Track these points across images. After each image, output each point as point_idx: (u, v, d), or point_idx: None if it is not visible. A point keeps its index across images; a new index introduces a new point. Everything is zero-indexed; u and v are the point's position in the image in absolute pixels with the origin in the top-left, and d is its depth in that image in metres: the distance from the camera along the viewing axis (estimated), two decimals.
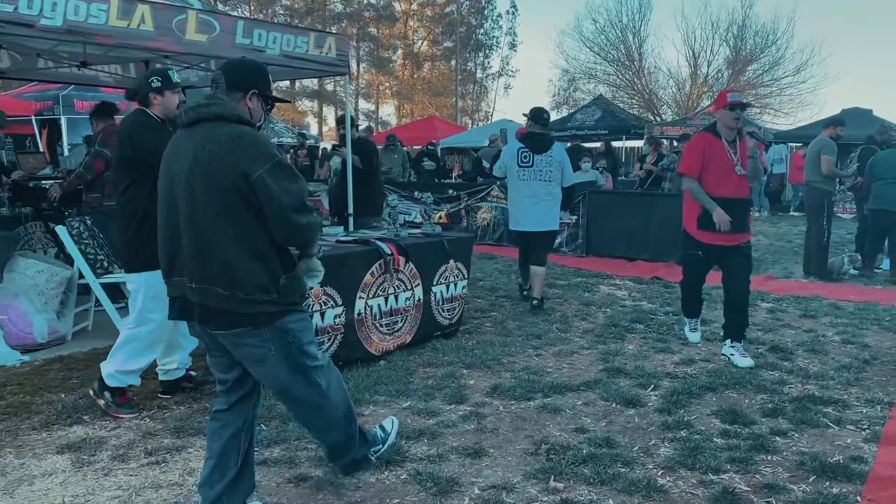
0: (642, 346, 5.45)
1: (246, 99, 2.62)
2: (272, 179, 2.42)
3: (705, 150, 5.03)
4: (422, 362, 4.88)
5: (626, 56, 30.81)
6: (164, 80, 3.96)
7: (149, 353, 3.95)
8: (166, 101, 3.94)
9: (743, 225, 5.02)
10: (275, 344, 2.57)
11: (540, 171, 6.50)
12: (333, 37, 6.60)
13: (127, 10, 5.06)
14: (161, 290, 3.70)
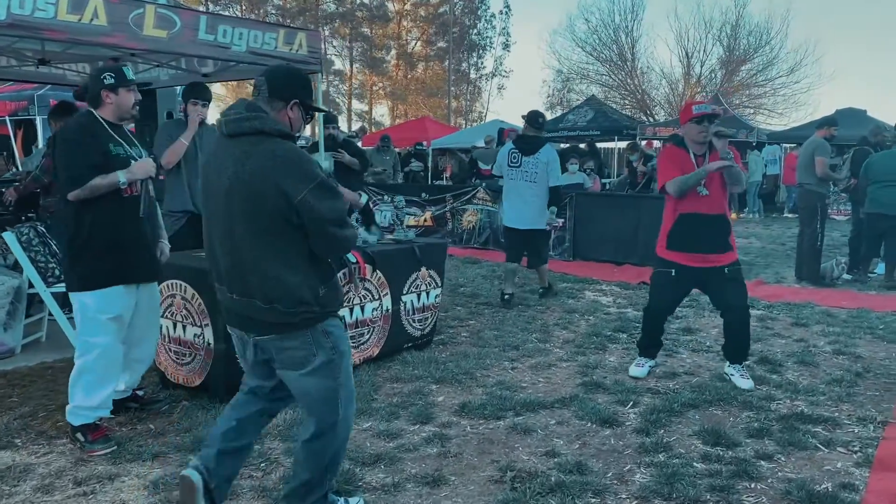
0: (624, 357, 5.18)
1: (287, 109, 2.57)
2: (315, 200, 2.40)
3: (677, 161, 4.49)
4: (389, 377, 4.61)
5: (619, 56, 30.59)
6: (119, 77, 3.58)
7: (107, 381, 3.57)
8: (121, 99, 3.59)
9: (718, 244, 4.45)
10: (317, 345, 2.55)
11: (526, 171, 6.71)
12: (304, 33, 6.33)
13: (78, 4, 4.76)
14: (102, 310, 3.48)
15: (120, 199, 3.52)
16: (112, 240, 3.50)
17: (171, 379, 4.20)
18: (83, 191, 3.40)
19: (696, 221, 4.43)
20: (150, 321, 3.85)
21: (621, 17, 30.46)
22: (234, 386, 3.95)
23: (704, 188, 4.42)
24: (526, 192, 6.71)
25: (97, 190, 3.43)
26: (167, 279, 4.09)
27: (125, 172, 3.51)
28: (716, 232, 4.46)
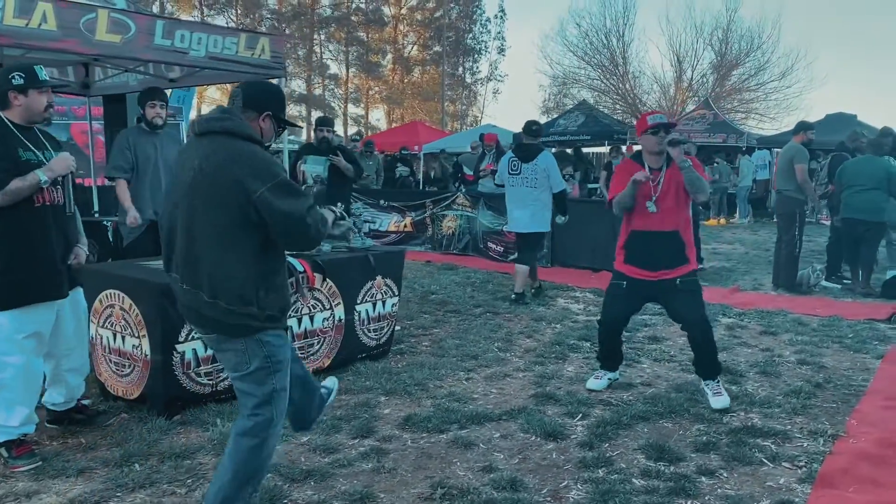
0: (582, 367, 5.10)
1: (259, 119, 2.69)
2: (274, 197, 2.49)
3: (627, 176, 4.32)
4: (339, 388, 4.51)
5: (611, 61, 30.54)
6: (29, 78, 3.39)
7: (28, 400, 3.45)
8: (31, 101, 3.40)
9: (667, 260, 4.32)
10: (251, 355, 2.64)
11: (526, 178, 7.13)
12: (267, 37, 6.25)
13: (25, 9, 4.69)
14: (18, 329, 3.36)
15: (31, 209, 3.37)
16: (24, 254, 3.36)
17: (111, 391, 4.12)
18: (3, 196, 3.25)
19: (647, 239, 4.33)
20: (77, 330, 3.74)
21: (612, 22, 30.48)
22: (173, 398, 3.91)
23: (654, 205, 4.28)
24: (527, 197, 7.14)
25: (19, 194, 3.29)
26: (107, 289, 4.00)
27: (45, 170, 3.36)
28: (667, 249, 4.33)
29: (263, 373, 2.66)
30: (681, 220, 4.37)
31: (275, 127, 2.75)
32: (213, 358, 3.99)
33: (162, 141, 5.72)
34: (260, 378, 2.67)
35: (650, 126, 4.29)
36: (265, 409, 2.69)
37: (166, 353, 3.82)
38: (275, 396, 2.70)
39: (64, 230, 3.55)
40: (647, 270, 4.35)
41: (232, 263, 2.55)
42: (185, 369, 3.91)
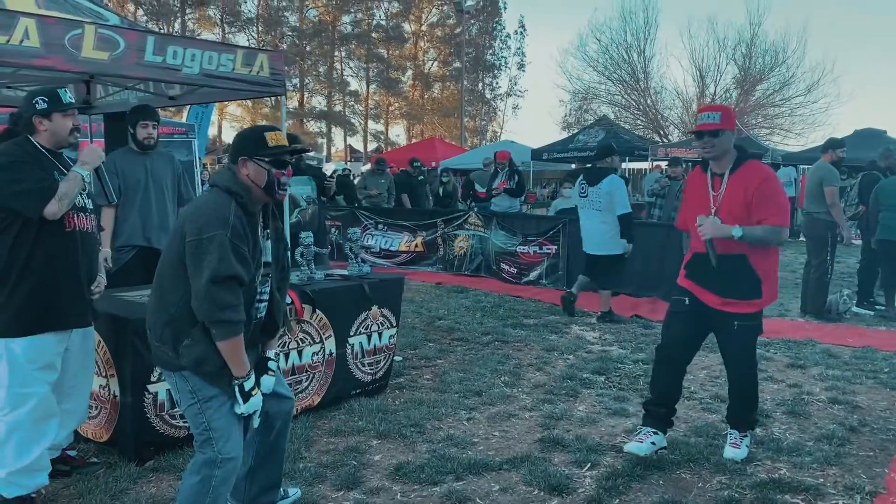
0: (595, 406, 4.73)
1: (240, 167, 2.69)
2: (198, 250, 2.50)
3: (688, 189, 3.94)
4: (328, 430, 4.19)
5: (631, 75, 30.14)
6: (52, 101, 3.26)
7: (42, 437, 3.17)
8: (55, 126, 3.25)
9: (734, 288, 3.62)
10: (179, 390, 2.69)
11: (592, 201, 7.31)
12: (266, 54, 5.98)
13: (6, 25, 4.45)
14: (33, 359, 3.10)
15: (62, 233, 3.20)
16: (46, 280, 3.15)
17: (82, 433, 3.82)
18: (60, 202, 3.10)
19: (702, 263, 3.69)
20: (84, 368, 3.44)
21: (633, 37, 30.11)
22: (144, 443, 3.60)
23: (717, 218, 3.63)
24: (593, 220, 7.33)
25: (71, 195, 3.15)
26: None
27: (79, 165, 3.23)
28: (733, 276, 3.62)
29: (193, 409, 2.66)
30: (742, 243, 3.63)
31: (263, 165, 2.66)
32: None
33: (154, 162, 5.49)
34: (191, 413, 2.67)
35: (696, 130, 3.65)
36: (205, 447, 2.66)
37: (137, 393, 3.53)
38: (212, 435, 2.64)
39: (91, 257, 3.39)
40: (712, 293, 3.69)
41: (162, 302, 2.63)
42: (158, 411, 3.61)
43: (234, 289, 2.52)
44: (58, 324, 3.19)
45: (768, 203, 3.53)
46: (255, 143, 2.69)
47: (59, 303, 3.19)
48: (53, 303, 3.18)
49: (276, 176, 2.67)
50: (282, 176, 2.69)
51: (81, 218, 3.30)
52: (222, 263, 2.48)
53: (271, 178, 2.67)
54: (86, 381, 3.49)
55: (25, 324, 3.12)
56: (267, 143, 2.68)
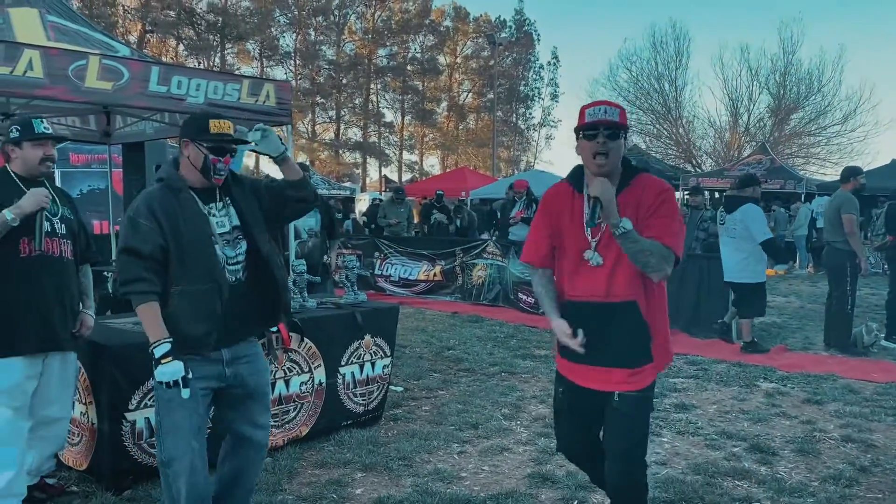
0: None
1: (181, 148, 2.85)
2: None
3: (550, 213, 2.83)
4: (314, 461, 4.11)
5: (663, 105, 29.91)
6: (24, 130, 3.30)
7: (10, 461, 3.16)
8: (26, 154, 3.28)
9: (616, 351, 2.69)
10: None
11: (728, 229, 7.44)
12: (273, 84, 6.05)
13: (10, 56, 4.59)
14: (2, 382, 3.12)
15: (17, 259, 3.19)
16: (8, 307, 3.16)
17: (63, 460, 3.80)
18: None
19: (586, 314, 2.71)
20: (63, 394, 3.44)
21: (664, 66, 29.91)
22: (122, 472, 3.56)
23: (596, 254, 2.69)
24: (729, 247, 7.42)
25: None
26: None
27: (12, 208, 3.15)
28: (620, 332, 2.68)
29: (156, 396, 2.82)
30: (639, 281, 2.67)
31: (202, 150, 2.77)
32: None
33: None
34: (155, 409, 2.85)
35: (585, 123, 2.65)
36: (157, 441, 2.82)
37: (114, 421, 3.49)
38: (161, 433, 2.77)
39: (61, 282, 3.33)
40: (586, 367, 2.75)
41: None
42: (137, 440, 3.57)
43: (130, 262, 2.67)
44: (21, 348, 3.18)
45: (663, 219, 2.61)
46: (198, 128, 2.81)
47: (21, 327, 3.18)
48: (15, 328, 3.18)
49: (213, 161, 2.78)
50: (218, 162, 2.79)
51: (46, 242, 3.28)
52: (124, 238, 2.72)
53: (207, 162, 2.78)
54: (64, 408, 3.47)
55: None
56: (209, 129, 2.79)
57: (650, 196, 2.66)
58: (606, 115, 2.62)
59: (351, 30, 46.26)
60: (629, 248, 2.55)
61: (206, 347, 2.77)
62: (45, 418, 3.39)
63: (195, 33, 35.01)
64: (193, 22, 34.44)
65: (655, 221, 2.61)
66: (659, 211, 2.62)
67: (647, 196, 2.66)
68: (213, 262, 2.79)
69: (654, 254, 2.55)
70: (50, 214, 3.33)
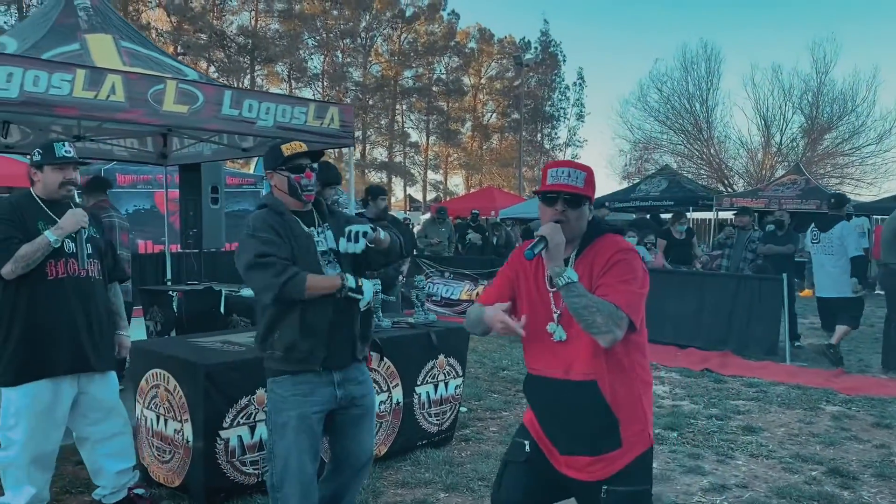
0: (669, 462, 4.55)
1: (270, 182, 3.01)
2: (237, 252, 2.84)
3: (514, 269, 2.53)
4: (395, 481, 4.14)
5: (694, 125, 29.83)
6: (45, 154, 3.36)
7: (32, 482, 3.27)
8: (46, 178, 3.34)
9: (584, 436, 2.36)
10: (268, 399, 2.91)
11: (824, 246, 7.84)
12: (336, 107, 6.15)
13: (95, 81, 4.72)
14: (28, 405, 3.20)
15: (44, 282, 3.25)
16: (32, 329, 3.23)
17: (154, 477, 3.86)
18: (15, 263, 3.14)
19: (551, 393, 2.41)
20: (110, 413, 3.52)
21: (695, 87, 29.87)
22: (215, 489, 3.61)
23: (560, 328, 2.37)
24: (826, 264, 7.81)
25: (30, 258, 3.17)
26: (153, 368, 3.79)
27: (54, 230, 3.24)
28: (583, 415, 2.35)
29: (268, 426, 2.90)
30: (606, 359, 2.31)
31: (287, 174, 2.91)
32: (259, 445, 3.71)
33: None
34: (266, 430, 2.96)
35: (546, 188, 2.38)
36: (269, 464, 2.88)
37: (209, 439, 3.55)
38: (273, 459, 2.83)
39: (89, 302, 3.39)
40: (555, 446, 2.43)
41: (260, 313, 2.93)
42: (230, 457, 3.62)
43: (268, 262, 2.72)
44: (48, 371, 3.24)
45: (614, 278, 2.28)
46: (274, 157, 2.96)
47: (49, 350, 3.24)
48: (43, 351, 3.24)
49: (296, 180, 2.90)
50: (301, 179, 2.91)
51: (72, 264, 3.33)
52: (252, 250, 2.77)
53: (291, 182, 2.91)
54: (117, 423, 3.56)
55: (17, 373, 3.22)
56: (283, 153, 2.93)
57: (602, 258, 2.34)
58: (569, 180, 2.35)
59: (377, 52, 46.81)
60: (573, 303, 2.22)
61: (315, 362, 2.82)
62: (102, 435, 3.50)
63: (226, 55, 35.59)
64: (224, 44, 35.02)
65: (606, 280, 2.29)
66: (611, 271, 2.30)
67: (599, 259, 2.34)
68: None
69: (602, 312, 2.18)
70: (74, 236, 3.38)
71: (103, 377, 3.48)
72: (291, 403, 2.79)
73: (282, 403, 2.81)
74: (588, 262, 2.35)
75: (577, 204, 2.35)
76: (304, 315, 2.80)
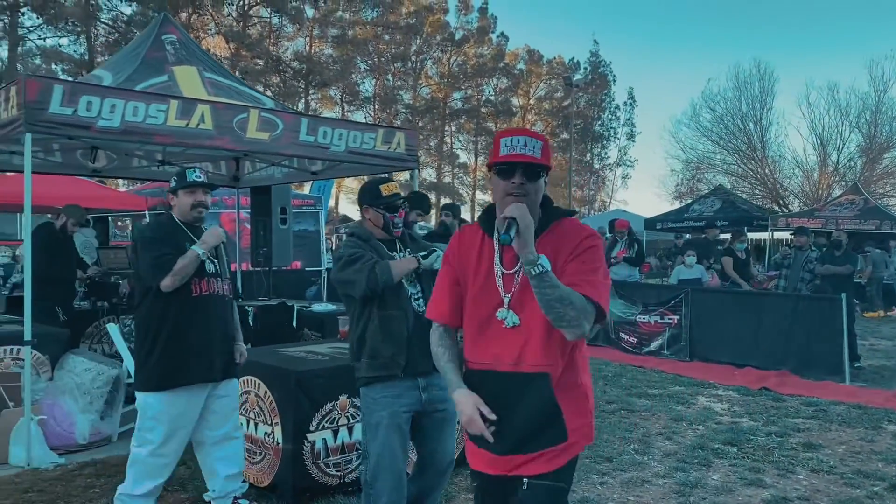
0: (730, 475, 4.67)
1: (364, 214, 3.38)
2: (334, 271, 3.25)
3: (454, 260, 2.37)
4: (464, 486, 4.36)
5: (748, 145, 29.57)
6: (179, 180, 3.64)
7: (156, 476, 3.55)
8: (181, 202, 3.62)
9: (526, 431, 2.19)
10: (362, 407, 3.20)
11: None
12: (403, 132, 6.48)
13: (187, 110, 5.12)
14: (163, 411, 3.48)
15: (189, 299, 3.52)
16: (175, 342, 3.48)
17: (244, 477, 4.14)
18: (173, 276, 3.40)
19: (494, 386, 2.21)
20: (229, 418, 3.76)
21: (749, 106, 29.65)
22: (303, 489, 3.89)
23: (511, 313, 2.20)
24: None
25: (184, 271, 3.43)
26: (245, 375, 4.10)
27: (199, 244, 3.52)
28: (529, 408, 2.19)
29: (365, 427, 3.16)
30: (557, 346, 2.18)
31: (381, 211, 3.29)
32: (342, 448, 3.98)
33: None
34: (361, 431, 3.27)
35: (501, 159, 2.18)
36: (365, 466, 3.13)
37: (297, 441, 3.83)
38: (368, 455, 3.10)
39: (222, 318, 3.67)
40: (494, 453, 2.23)
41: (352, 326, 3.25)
42: (315, 459, 3.90)
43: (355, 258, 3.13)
44: (186, 380, 3.50)
45: (582, 265, 2.15)
46: (372, 195, 3.31)
47: (188, 361, 3.50)
48: (183, 361, 3.49)
49: (390, 219, 3.30)
50: (394, 218, 3.31)
51: (212, 283, 3.61)
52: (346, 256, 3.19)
53: (386, 220, 3.31)
54: (235, 428, 3.80)
55: (159, 381, 3.48)
56: (381, 193, 3.30)
57: (571, 242, 2.19)
58: (526, 150, 2.15)
59: (426, 74, 47.54)
60: (544, 294, 2.03)
61: (396, 367, 3.08)
62: (218, 438, 3.72)
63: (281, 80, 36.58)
64: (280, 70, 35.99)
65: (574, 268, 2.14)
66: (580, 258, 2.15)
67: (566, 242, 2.19)
68: (401, 292, 3.17)
69: (575, 305, 2.04)
70: (215, 258, 3.67)
71: (226, 385, 3.71)
72: (382, 404, 3.05)
73: (373, 405, 3.07)
74: (552, 246, 2.16)
75: (537, 175, 2.18)
76: (387, 325, 3.10)
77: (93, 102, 4.69)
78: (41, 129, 4.58)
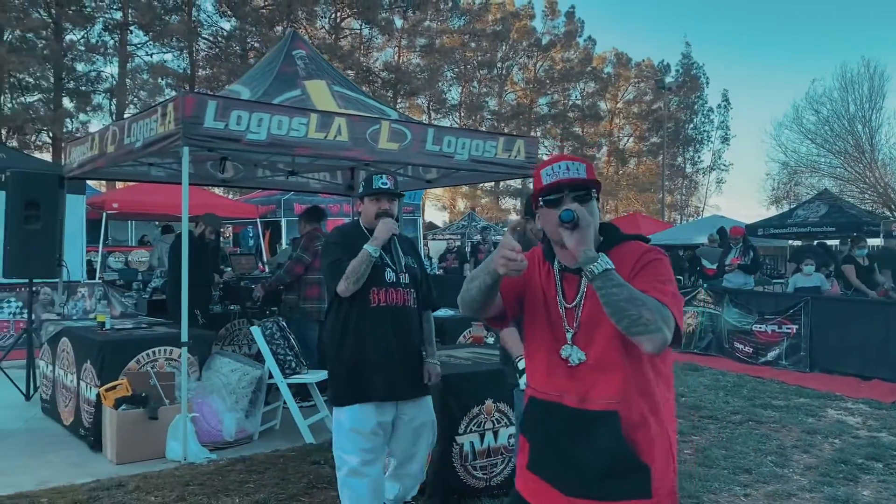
0: (881, 492, 4.50)
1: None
2: None
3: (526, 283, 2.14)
4: None
5: (855, 147, 28.19)
6: (365, 186, 3.58)
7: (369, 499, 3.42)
8: (366, 208, 3.53)
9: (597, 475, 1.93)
10: None
11: None
12: (523, 140, 6.53)
13: (325, 123, 5.33)
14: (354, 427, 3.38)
15: (366, 308, 3.43)
16: (357, 353, 3.42)
17: None
18: (346, 280, 3.33)
19: (557, 421, 2.03)
20: (416, 438, 3.61)
21: (857, 107, 28.29)
22: (450, 490, 3.98)
23: (576, 349, 2.00)
24: None
25: (357, 271, 3.33)
26: None
27: (370, 242, 3.38)
28: (598, 451, 1.94)
29: None
30: (632, 384, 1.95)
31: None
32: (488, 451, 4.05)
33: None
34: None
35: (545, 187, 2.00)
36: None
37: (446, 444, 3.92)
38: None
39: (403, 331, 3.50)
40: (559, 490, 2.01)
41: None
42: (463, 462, 3.98)
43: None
44: (370, 395, 3.37)
45: (650, 277, 1.93)
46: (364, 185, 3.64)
47: (369, 375, 3.38)
48: (363, 375, 3.39)
49: None
50: None
51: (391, 293, 3.46)
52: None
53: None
54: (419, 450, 3.66)
55: (346, 394, 3.41)
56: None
57: (630, 260, 1.98)
58: (570, 174, 1.99)
59: (512, 81, 47.50)
60: (611, 296, 1.80)
61: None
62: (407, 457, 3.63)
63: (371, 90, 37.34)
64: (370, 79, 36.71)
65: (641, 280, 1.91)
66: (645, 271, 1.94)
67: (626, 262, 1.96)
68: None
69: (649, 306, 1.79)
70: (394, 266, 3.53)
71: (417, 402, 3.57)
72: None
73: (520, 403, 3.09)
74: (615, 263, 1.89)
75: (587, 197, 1.99)
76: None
77: (242, 117, 4.94)
78: (196, 142, 4.85)
